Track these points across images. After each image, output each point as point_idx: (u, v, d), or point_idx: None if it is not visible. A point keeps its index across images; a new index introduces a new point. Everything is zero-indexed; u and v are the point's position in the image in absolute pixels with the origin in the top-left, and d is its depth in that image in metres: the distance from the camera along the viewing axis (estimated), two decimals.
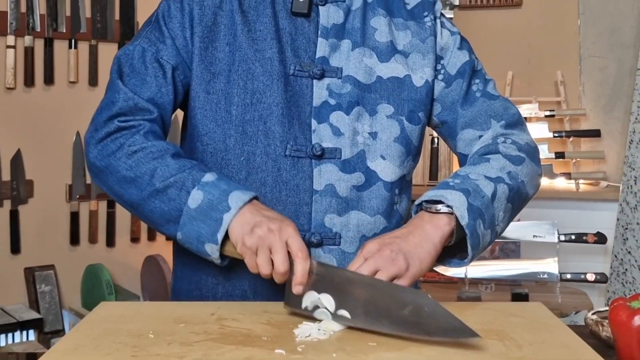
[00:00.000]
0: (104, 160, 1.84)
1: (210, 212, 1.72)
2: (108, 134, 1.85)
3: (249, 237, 1.67)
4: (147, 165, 1.79)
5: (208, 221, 1.72)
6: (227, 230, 1.70)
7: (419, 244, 1.75)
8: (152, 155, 1.81)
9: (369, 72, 1.99)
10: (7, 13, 4.17)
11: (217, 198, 1.72)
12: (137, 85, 1.90)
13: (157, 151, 1.81)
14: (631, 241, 4.33)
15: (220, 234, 1.70)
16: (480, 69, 2.14)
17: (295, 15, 1.98)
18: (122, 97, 1.88)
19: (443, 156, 4.97)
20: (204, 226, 1.72)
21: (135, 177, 1.80)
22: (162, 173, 1.78)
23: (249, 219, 1.69)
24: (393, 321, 1.54)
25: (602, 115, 4.79)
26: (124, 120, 1.86)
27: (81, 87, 4.50)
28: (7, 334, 3.83)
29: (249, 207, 1.72)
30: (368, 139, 1.97)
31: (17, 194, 4.24)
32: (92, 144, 1.87)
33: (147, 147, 1.82)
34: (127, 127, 1.86)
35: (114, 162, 1.82)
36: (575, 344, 1.51)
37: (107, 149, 1.84)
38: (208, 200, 1.73)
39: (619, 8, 4.69)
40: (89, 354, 1.42)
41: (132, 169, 1.80)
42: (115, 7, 4.63)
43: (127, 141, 1.83)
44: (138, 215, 1.88)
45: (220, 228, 1.70)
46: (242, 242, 1.68)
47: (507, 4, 5.03)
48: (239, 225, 1.69)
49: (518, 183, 1.94)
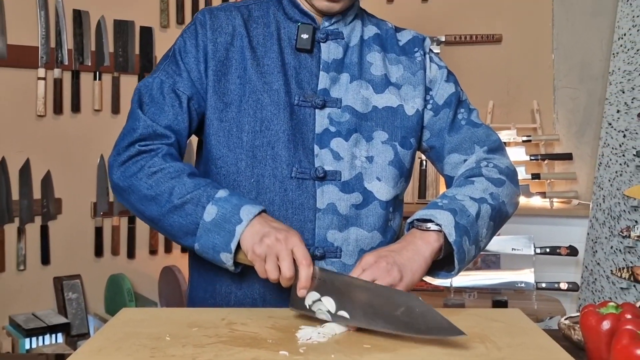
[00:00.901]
0: (127, 181, 1.85)
1: (223, 225, 1.73)
2: (130, 157, 1.86)
3: (258, 246, 1.68)
4: (166, 184, 1.80)
5: (222, 232, 1.72)
6: (239, 240, 1.71)
7: (411, 257, 1.76)
8: (170, 175, 1.81)
9: (365, 103, 2.00)
10: (38, 48, 4.18)
11: (230, 212, 1.73)
12: (155, 114, 1.91)
13: (174, 171, 1.82)
14: (600, 254, 4.33)
15: (234, 244, 1.71)
16: (465, 100, 2.15)
17: (299, 51, 2.00)
18: (142, 125, 1.89)
19: (431, 177, 4.97)
20: (219, 237, 1.73)
21: (155, 195, 1.80)
22: (180, 191, 1.78)
23: (259, 229, 1.70)
24: (387, 321, 1.56)
25: (574, 140, 4.80)
26: (144, 144, 1.87)
27: (105, 114, 4.50)
28: (38, 336, 3.83)
29: (259, 219, 1.73)
30: (365, 162, 1.97)
31: (47, 211, 4.24)
32: (115, 166, 1.88)
33: (165, 168, 1.82)
34: (147, 151, 1.86)
35: (136, 182, 1.83)
36: (550, 346, 1.51)
37: (129, 170, 1.85)
38: (222, 214, 1.73)
39: (588, 44, 4.70)
40: (112, 355, 1.42)
41: (152, 188, 1.81)
42: (135, 42, 4.63)
43: (147, 163, 1.83)
44: (158, 229, 1.88)
45: (233, 238, 1.71)
46: (253, 251, 1.69)
47: (488, 40, 5.04)
48: (250, 236, 1.70)
49: (499, 203, 1.95)
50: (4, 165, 4.06)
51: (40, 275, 4.23)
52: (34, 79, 4.19)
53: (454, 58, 4.76)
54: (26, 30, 4.16)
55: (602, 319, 1.49)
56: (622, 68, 4.32)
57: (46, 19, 4.22)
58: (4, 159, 4.07)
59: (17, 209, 4.13)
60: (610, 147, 4.37)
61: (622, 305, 1.52)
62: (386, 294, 1.61)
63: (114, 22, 4.55)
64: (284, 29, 2.03)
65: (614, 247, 4.26)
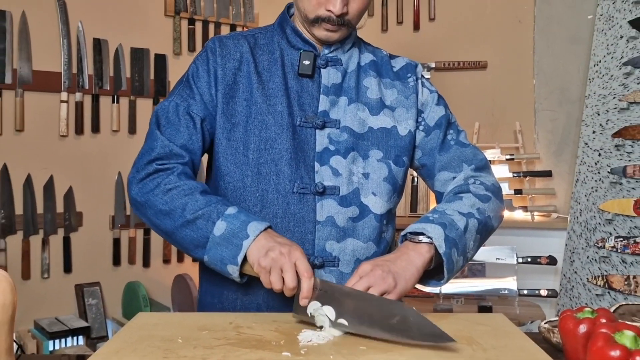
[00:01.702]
0: (144, 197, 1.85)
1: (232, 239, 1.73)
2: (147, 175, 1.86)
3: (264, 259, 1.68)
4: (180, 201, 1.80)
5: (230, 246, 1.73)
6: (245, 254, 1.71)
7: (405, 267, 1.77)
8: (183, 192, 1.81)
9: (362, 124, 2.01)
10: (61, 74, 4.19)
11: (238, 227, 1.73)
12: (172, 134, 1.92)
13: (188, 189, 1.82)
14: (577, 263, 4.33)
15: (240, 257, 1.71)
16: (454, 122, 2.16)
17: (301, 76, 2.01)
18: (160, 144, 1.90)
19: (422, 192, 4.96)
20: (227, 250, 1.73)
21: (169, 210, 1.81)
22: (192, 207, 1.78)
23: (264, 244, 1.70)
24: (384, 328, 1.55)
25: (553, 159, 4.80)
26: (161, 163, 1.88)
27: (122, 135, 4.50)
28: (61, 339, 3.82)
29: (264, 235, 1.73)
30: (362, 178, 1.98)
31: (69, 224, 4.24)
32: (134, 183, 1.88)
33: (180, 186, 1.83)
34: (164, 169, 1.87)
35: (152, 198, 1.84)
36: (531, 348, 1.51)
37: (147, 187, 1.85)
38: (230, 230, 1.74)
39: (567, 70, 4.71)
40: (128, 356, 1.42)
41: (167, 204, 1.81)
42: (150, 68, 4.64)
43: (163, 180, 1.84)
44: (172, 242, 1.88)
45: (240, 252, 1.71)
46: (258, 263, 1.69)
47: (474, 67, 5.05)
48: (256, 250, 1.70)
49: (485, 217, 1.96)
50: (29, 181, 4.06)
51: (63, 283, 4.23)
52: (57, 102, 4.20)
53: (444, 83, 4.77)
54: (50, 57, 4.17)
55: (579, 323, 1.49)
56: (598, 92, 4.33)
57: (68, 47, 4.23)
58: (29, 175, 4.07)
59: (41, 222, 4.13)
60: (587, 165, 4.37)
61: (597, 311, 1.52)
62: (382, 304, 1.62)
63: (130, 49, 4.56)
64: (287, 56, 2.04)
65: (590, 257, 4.26)
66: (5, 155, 3.99)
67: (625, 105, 4.16)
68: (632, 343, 1.27)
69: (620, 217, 4.14)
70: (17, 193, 4.04)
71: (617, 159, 4.20)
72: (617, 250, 4.11)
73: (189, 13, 4.83)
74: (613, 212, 4.16)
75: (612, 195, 4.20)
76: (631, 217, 4.08)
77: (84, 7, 4.32)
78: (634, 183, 4.09)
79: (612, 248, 4.14)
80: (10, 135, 4.01)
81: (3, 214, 3.96)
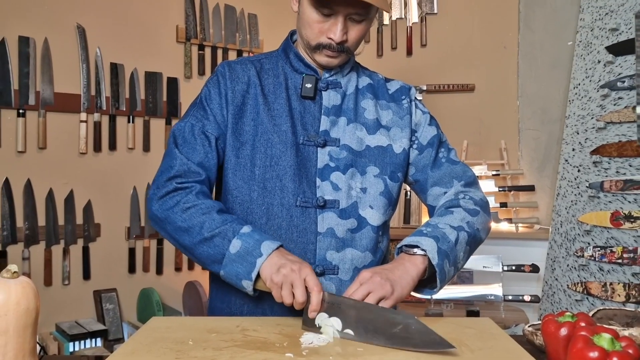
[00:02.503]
0: (164, 213, 1.86)
1: (246, 257, 1.74)
2: (167, 192, 1.87)
3: (276, 275, 1.69)
4: (198, 219, 1.81)
5: (244, 263, 1.74)
6: (259, 270, 1.73)
7: (401, 275, 1.78)
8: (201, 211, 1.82)
9: (360, 142, 2.02)
10: (80, 95, 4.19)
11: (252, 246, 1.75)
12: (189, 153, 1.93)
13: (205, 208, 1.83)
14: (558, 271, 4.33)
15: (254, 274, 1.72)
16: (445, 140, 2.17)
17: (304, 98, 2.02)
18: (179, 162, 1.91)
19: (414, 205, 4.96)
20: (241, 267, 1.74)
21: (188, 227, 1.82)
22: (210, 225, 1.80)
23: (276, 261, 1.71)
24: (387, 337, 1.56)
25: (536, 174, 4.80)
26: (180, 182, 1.89)
27: (137, 152, 4.50)
28: (80, 341, 3.81)
29: (276, 253, 1.74)
30: (360, 193, 1.99)
31: (88, 234, 4.23)
32: (155, 200, 1.89)
33: (198, 205, 1.84)
34: (183, 188, 1.88)
35: (172, 215, 1.85)
36: (515, 349, 1.52)
37: (166, 204, 1.86)
38: (245, 248, 1.75)
39: (548, 93, 4.71)
40: (143, 356, 1.43)
41: (186, 221, 1.82)
42: (163, 91, 4.64)
43: (183, 199, 1.85)
44: (189, 256, 1.89)
45: (254, 269, 1.72)
46: (271, 279, 1.70)
47: (463, 89, 5.05)
48: (269, 267, 1.71)
49: (474, 230, 1.97)
50: (51, 195, 4.07)
51: (82, 289, 4.22)
52: (76, 122, 4.20)
53: (435, 104, 4.79)
54: (70, 81, 4.18)
55: (560, 326, 1.49)
56: (577, 113, 4.34)
57: (87, 70, 4.24)
58: (51, 189, 4.07)
59: (62, 233, 4.13)
60: (567, 180, 4.37)
61: (577, 315, 1.53)
62: (386, 314, 1.62)
63: (145, 73, 4.57)
64: (291, 80, 2.05)
65: (570, 265, 4.26)
66: (29, 171, 3.99)
67: (602, 125, 4.17)
68: (609, 345, 1.28)
69: (598, 228, 4.14)
70: (40, 206, 4.04)
71: (595, 175, 4.21)
72: (595, 259, 4.11)
73: (199, 39, 4.84)
74: (591, 224, 4.17)
75: (591, 208, 4.20)
76: (608, 228, 4.08)
77: (102, 33, 4.33)
78: (611, 197, 4.10)
79: (591, 257, 4.14)
80: (34, 152, 4.01)
81: (27, 226, 3.96)
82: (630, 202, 4.02)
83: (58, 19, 4.13)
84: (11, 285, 1.39)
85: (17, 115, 3.92)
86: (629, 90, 4.08)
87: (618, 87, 4.14)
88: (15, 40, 3.95)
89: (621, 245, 4.02)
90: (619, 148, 4.10)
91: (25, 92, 3.95)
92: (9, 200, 3.89)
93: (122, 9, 4.45)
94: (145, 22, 4.57)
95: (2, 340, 1.36)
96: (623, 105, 4.11)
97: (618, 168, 4.10)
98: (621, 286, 3.98)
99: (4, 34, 3.89)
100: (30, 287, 1.42)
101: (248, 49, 5.12)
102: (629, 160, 4.06)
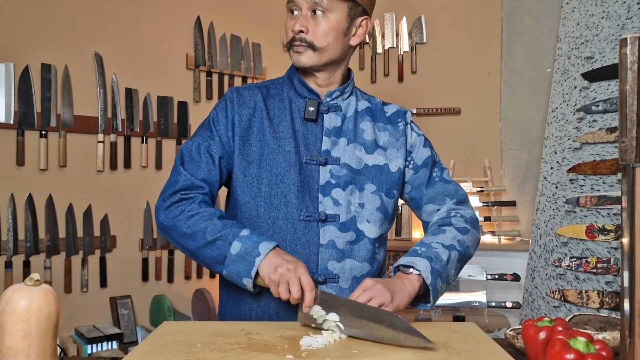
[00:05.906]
0: (170, 222, 1.88)
1: (246, 257, 1.77)
2: (173, 203, 1.89)
3: (273, 274, 1.72)
4: (201, 225, 1.83)
5: (244, 263, 1.76)
6: (257, 269, 1.75)
7: (400, 289, 1.81)
8: (204, 218, 1.84)
9: (359, 161, 2.03)
10: (98, 118, 4.20)
11: (251, 247, 1.77)
12: (194, 169, 1.95)
13: (207, 215, 1.85)
14: (537, 279, 4.34)
15: (253, 272, 1.75)
16: (438, 161, 2.19)
17: (307, 120, 2.04)
18: (183, 178, 1.93)
19: (405, 219, 4.98)
20: (242, 266, 1.77)
21: (192, 233, 1.84)
22: (212, 230, 1.82)
23: (273, 261, 1.74)
24: (374, 331, 1.59)
25: (517, 191, 4.81)
26: (184, 193, 1.91)
27: (150, 170, 4.50)
28: (97, 343, 3.81)
29: (273, 253, 1.77)
30: (358, 208, 2.00)
31: (104, 246, 4.23)
32: (161, 210, 1.91)
33: (201, 212, 1.86)
34: (187, 198, 1.90)
35: (177, 222, 1.86)
36: (498, 351, 1.53)
37: (172, 213, 1.88)
38: (244, 249, 1.77)
39: (528, 115, 4.74)
40: (155, 358, 1.44)
41: (190, 228, 1.84)
42: (174, 113, 4.65)
43: (187, 208, 1.87)
44: (194, 259, 1.91)
45: (253, 268, 1.75)
46: (268, 277, 1.73)
47: (450, 112, 5.07)
48: (266, 266, 1.74)
49: (465, 248, 2.00)
50: (71, 209, 4.07)
51: (99, 296, 4.21)
52: (94, 142, 4.21)
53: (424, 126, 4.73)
54: (88, 104, 4.19)
55: (539, 330, 1.51)
56: (555, 134, 4.36)
57: (104, 95, 4.24)
58: (71, 204, 4.07)
59: (81, 244, 4.12)
60: (545, 196, 4.39)
61: (554, 320, 1.54)
62: (373, 312, 1.64)
63: (157, 97, 4.57)
64: (294, 104, 2.07)
65: (548, 274, 4.27)
66: (51, 187, 3.99)
67: (578, 145, 4.20)
68: (584, 347, 1.30)
69: (574, 240, 4.16)
70: (60, 219, 4.04)
71: (571, 191, 4.23)
72: (572, 269, 4.13)
73: (207, 66, 4.86)
74: (568, 236, 4.18)
75: (567, 222, 4.22)
76: (583, 241, 4.10)
77: (117, 61, 4.35)
78: (586, 211, 4.12)
79: (567, 267, 4.15)
80: (55, 170, 4.01)
81: (49, 237, 3.96)
82: (604, 216, 4.04)
83: (77, 48, 4.14)
84: (34, 293, 1.41)
85: (39, 136, 3.92)
86: (603, 114, 4.11)
87: (593, 110, 4.16)
88: (38, 67, 3.96)
89: (595, 256, 4.03)
90: (593, 167, 4.12)
91: (47, 115, 3.95)
92: (32, 214, 3.89)
93: (137, 38, 4.46)
94: (157, 50, 4.59)
95: (26, 342, 1.37)
96: (597, 127, 4.14)
97: (593, 185, 4.12)
98: (596, 294, 4.00)
99: (28, 61, 3.90)
100: (51, 294, 1.44)
101: (252, 75, 5.14)
102: (603, 177, 4.08)
